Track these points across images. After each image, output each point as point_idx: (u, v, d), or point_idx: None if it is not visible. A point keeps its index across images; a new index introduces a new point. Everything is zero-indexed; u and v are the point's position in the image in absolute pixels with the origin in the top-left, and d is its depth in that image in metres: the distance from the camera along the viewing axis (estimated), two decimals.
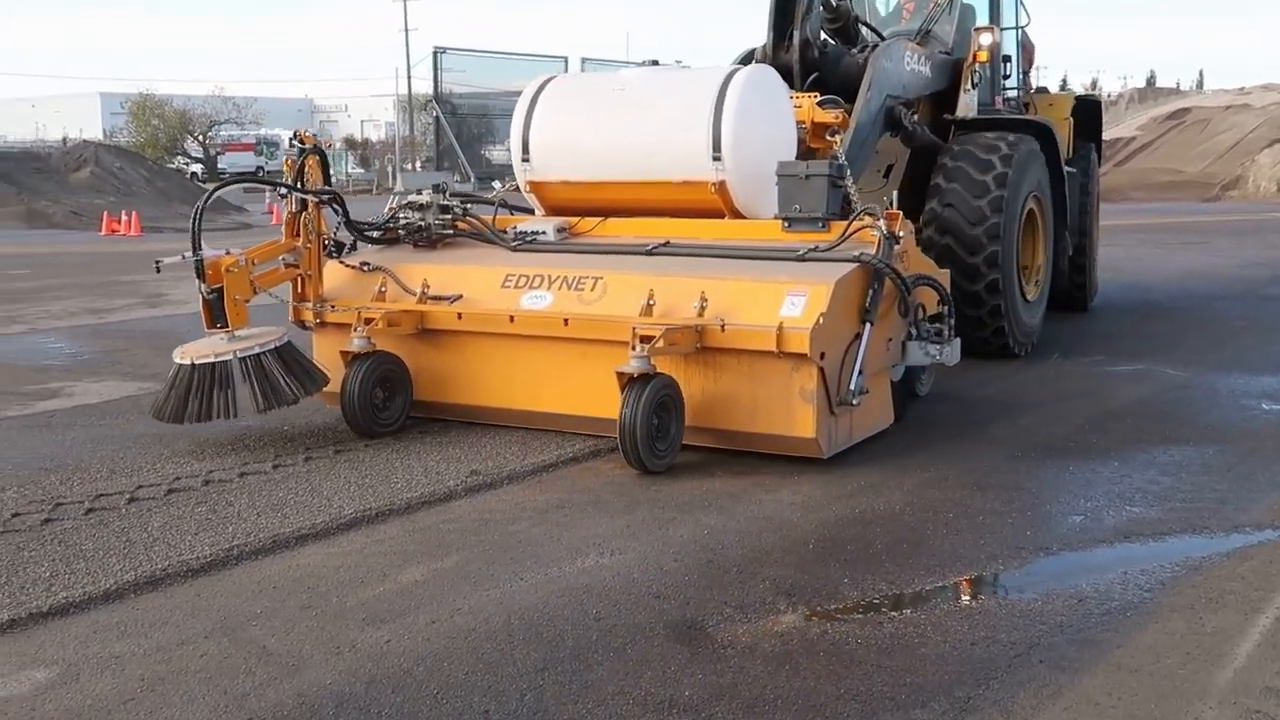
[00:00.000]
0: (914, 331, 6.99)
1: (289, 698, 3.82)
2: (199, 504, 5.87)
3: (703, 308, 6.43)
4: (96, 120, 74.84)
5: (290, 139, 7.57)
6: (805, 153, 8.16)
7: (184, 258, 6.90)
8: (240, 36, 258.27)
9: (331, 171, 7.95)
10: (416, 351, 7.39)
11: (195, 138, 64.07)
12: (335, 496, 5.94)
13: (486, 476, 6.30)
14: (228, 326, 6.91)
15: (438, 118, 44.22)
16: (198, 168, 60.31)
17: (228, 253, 7.01)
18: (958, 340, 7.15)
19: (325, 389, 7.22)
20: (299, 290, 7.53)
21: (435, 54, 43.74)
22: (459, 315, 7.19)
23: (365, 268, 7.58)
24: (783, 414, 6.37)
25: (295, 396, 6.92)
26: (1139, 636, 4.27)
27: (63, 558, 5.11)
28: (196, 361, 6.78)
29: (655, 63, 8.51)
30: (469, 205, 8.14)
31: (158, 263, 7.23)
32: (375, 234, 8.00)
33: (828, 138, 8.08)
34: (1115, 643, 4.21)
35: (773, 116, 7.80)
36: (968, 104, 10.22)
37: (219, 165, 60.55)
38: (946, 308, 7.16)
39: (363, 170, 63.40)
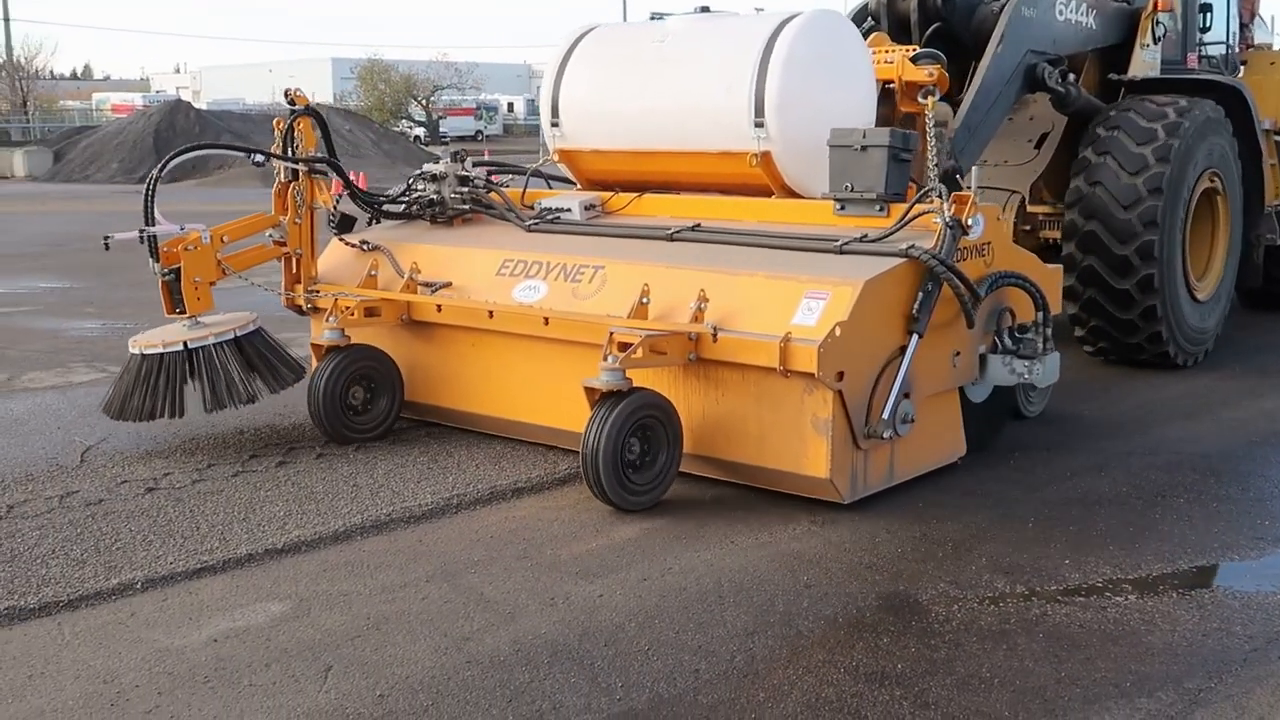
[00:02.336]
0: (999, 343, 5.72)
1: (505, 644, 3.92)
2: (421, 453, 6.08)
3: (700, 309, 5.26)
4: (328, 84, 77.90)
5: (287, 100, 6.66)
6: (900, 120, 6.86)
7: (140, 234, 6.08)
8: (463, 4, 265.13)
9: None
10: (407, 346, 6.47)
11: (419, 102, 66.07)
12: (551, 451, 6.05)
13: None
14: (185, 311, 6.11)
15: None
16: (421, 131, 62.17)
17: (182, 229, 6.18)
18: (1055, 355, 5.72)
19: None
20: (293, 271, 6.64)
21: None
22: (438, 307, 6.19)
23: (365, 246, 6.63)
24: (792, 446, 5.16)
25: (251, 395, 6.06)
26: None
27: (295, 499, 5.36)
28: (145, 351, 6.03)
29: (706, 9, 7.00)
30: (503, 176, 7.34)
31: (107, 238, 6.32)
32: (396, 208, 7.06)
33: (919, 100, 6.58)
34: None
35: (838, 73, 6.36)
36: (1144, 62, 8.63)
37: (440, 129, 62.35)
38: (1041, 314, 5.73)
39: None
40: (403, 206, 7.02)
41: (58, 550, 4.74)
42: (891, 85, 6.87)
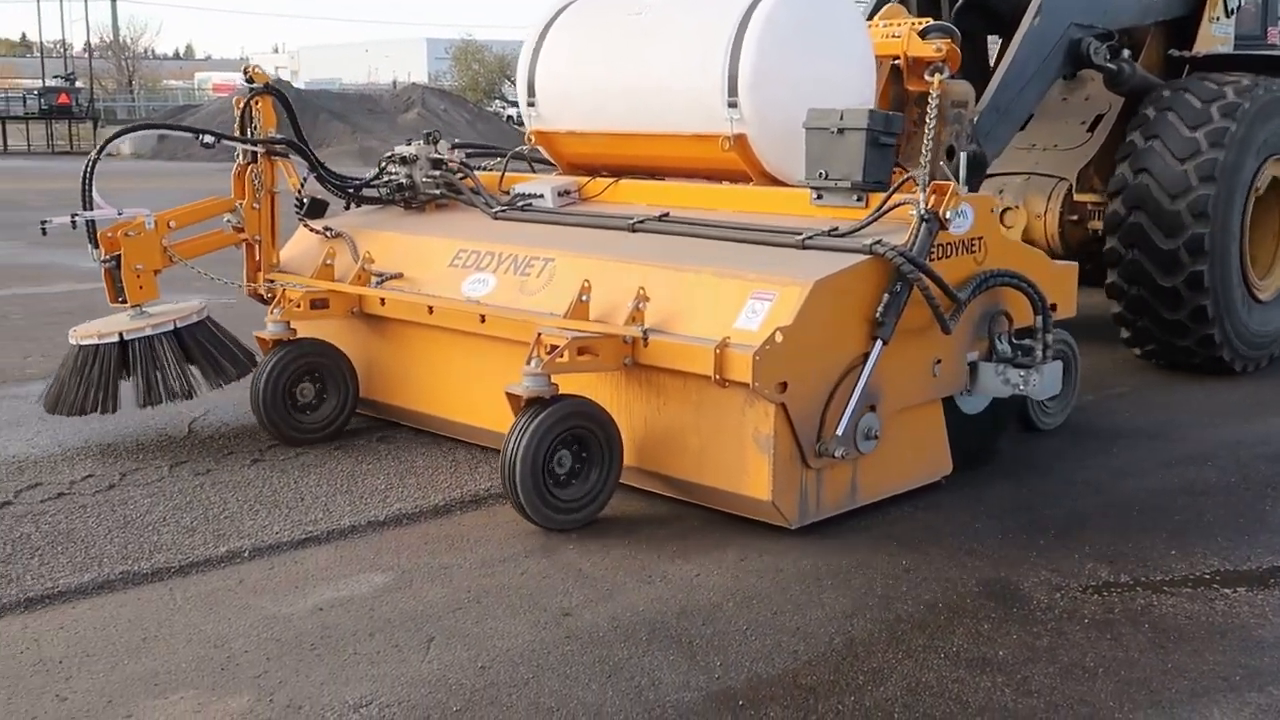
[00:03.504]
0: (993, 350, 5.16)
1: (604, 620, 3.95)
2: None
3: (639, 308, 4.78)
4: (422, 64, 78.69)
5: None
6: (914, 100, 6.23)
7: (72, 219, 5.82)
8: None
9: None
10: (363, 340, 6.10)
11: (511, 82, 66.48)
12: None
13: None
14: (125, 301, 5.84)
15: None
16: (514, 112, 62.54)
17: (120, 213, 5.90)
18: (1055, 365, 5.17)
19: None
20: (255, 259, 6.31)
21: None
22: (381, 300, 5.82)
23: (327, 233, 6.29)
24: (732, 464, 4.66)
25: (187, 391, 5.78)
26: None
27: (396, 472, 5.45)
28: (81, 342, 5.77)
29: None
30: (486, 158, 6.91)
31: (44, 223, 6.01)
32: (373, 192, 6.61)
33: (926, 78, 5.86)
34: None
35: (824, 48, 5.76)
36: (1213, 36, 7.87)
37: None
38: (1041, 318, 5.16)
39: None
40: (375, 191, 6.60)
41: (168, 518, 4.87)
42: (895, 61, 6.28)
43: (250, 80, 6.26)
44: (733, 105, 5.60)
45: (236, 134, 6.25)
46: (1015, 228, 7.28)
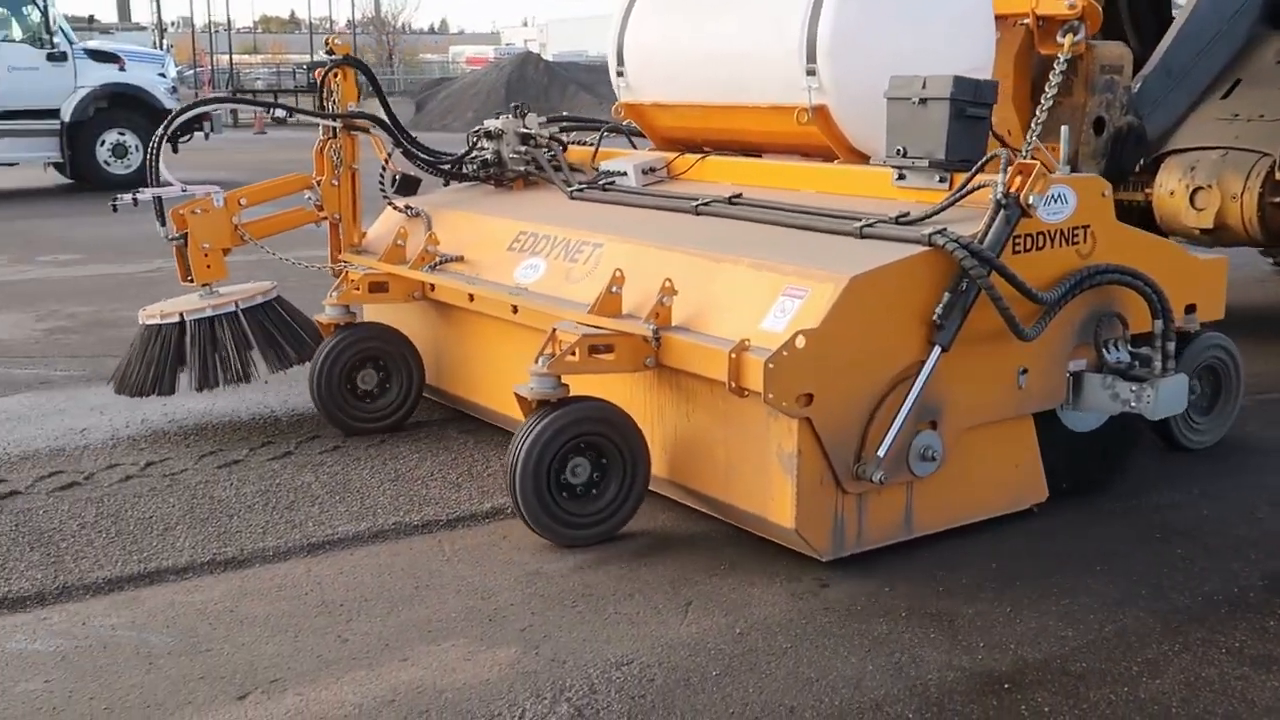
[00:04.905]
0: (1107, 357, 4.46)
1: (861, 594, 3.91)
2: None
3: (663, 302, 4.24)
4: None
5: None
6: (1045, 66, 5.45)
7: (134, 198, 5.75)
8: None
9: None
10: (432, 326, 5.80)
11: None
12: None
13: None
14: (192, 280, 5.74)
15: None
16: None
17: (185, 190, 5.81)
18: (1177, 379, 4.39)
19: None
20: (337, 239, 6.17)
21: None
22: (430, 285, 5.49)
23: (409, 212, 6.01)
24: (757, 484, 4.07)
25: (243, 374, 5.60)
26: None
27: None
28: (146, 322, 5.68)
29: None
30: (586, 132, 6.44)
31: (114, 201, 5.86)
32: (469, 169, 6.25)
33: (1058, 39, 5.17)
34: None
35: (925, 5, 5.15)
36: None
37: None
38: (1161, 323, 4.38)
39: None
40: (462, 168, 6.27)
41: (435, 473, 5.07)
42: (1021, 20, 5.61)
43: (330, 52, 6.05)
44: (811, 73, 5.02)
45: (317, 108, 6.04)
46: (1206, 211, 6.45)
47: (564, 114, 6.84)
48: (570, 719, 3.19)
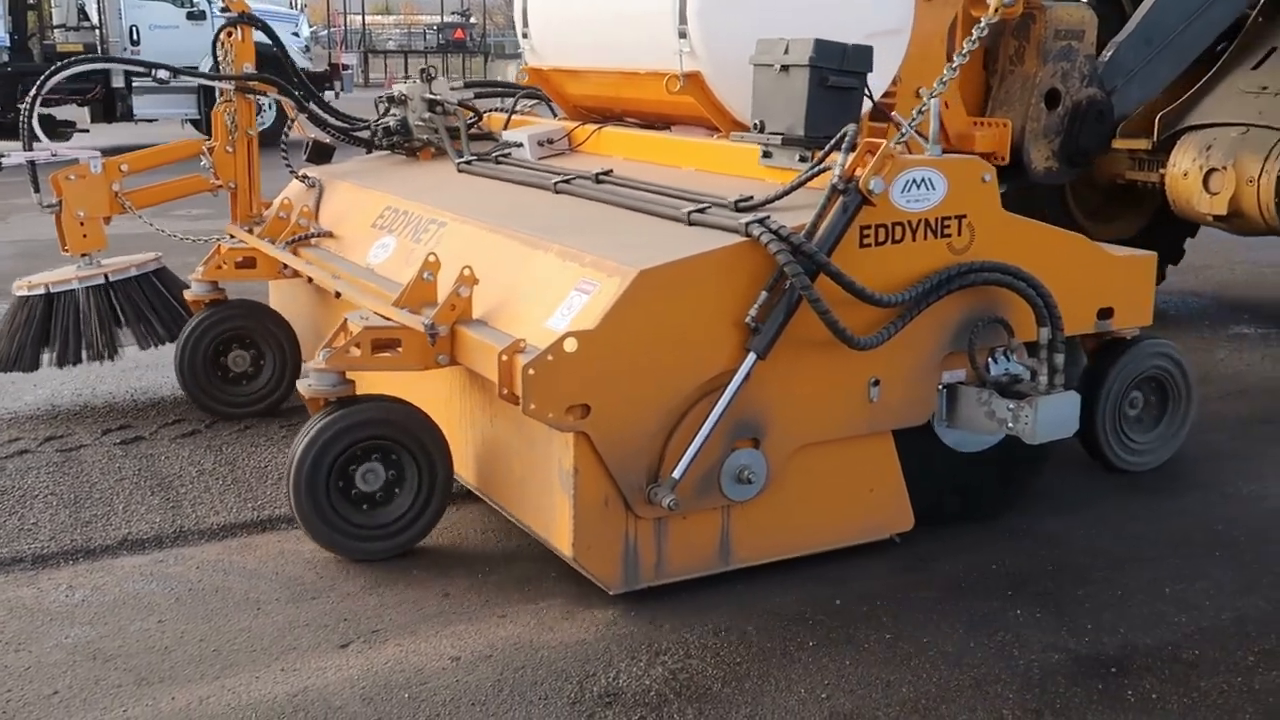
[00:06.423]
0: (991, 369, 3.90)
1: (964, 570, 3.84)
2: None
3: (460, 292, 3.71)
4: None
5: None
6: (1009, 29, 4.90)
7: (3, 159, 5.45)
8: None
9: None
10: (308, 306, 5.43)
11: None
12: None
13: None
14: (65, 249, 5.42)
15: None
16: None
17: (54, 155, 5.53)
18: (1067, 396, 3.79)
19: None
20: (237, 207, 5.75)
21: None
22: (282, 266, 5.12)
23: (306, 181, 5.59)
24: (544, 503, 3.61)
25: (103, 353, 5.32)
26: None
27: None
28: (17, 294, 5.42)
29: None
30: (505, 99, 5.93)
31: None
32: (375, 137, 5.77)
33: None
34: None
35: None
36: None
37: None
38: (1048, 330, 3.81)
39: None
40: (367, 134, 5.80)
41: None
42: None
43: (225, 9, 5.70)
44: (683, 35, 4.44)
45: (213, 69, 5.71)
46: (1220, 195, 5.84)
47: (481, 80, 6.50)
48: (664, 681, 3.19)
